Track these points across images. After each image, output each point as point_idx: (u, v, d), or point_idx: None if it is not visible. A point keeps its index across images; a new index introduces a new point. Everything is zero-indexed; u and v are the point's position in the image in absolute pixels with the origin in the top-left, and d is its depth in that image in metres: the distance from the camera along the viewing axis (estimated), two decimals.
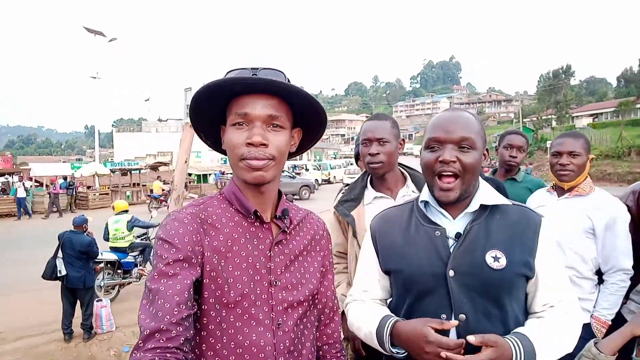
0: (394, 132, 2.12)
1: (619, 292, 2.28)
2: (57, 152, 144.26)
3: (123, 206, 8.40)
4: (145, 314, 1.00)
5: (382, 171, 2.13)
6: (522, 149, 3.23)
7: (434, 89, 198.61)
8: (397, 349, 1.36)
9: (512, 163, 3.24)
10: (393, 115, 25.95)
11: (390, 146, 2.09)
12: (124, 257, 7.80)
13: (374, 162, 2.10)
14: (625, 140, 32.41)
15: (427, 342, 1.23)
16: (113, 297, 7.50)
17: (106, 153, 64.64)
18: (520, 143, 3.22)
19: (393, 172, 2.18)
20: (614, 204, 2.38)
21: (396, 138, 2.12)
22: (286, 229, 1.27)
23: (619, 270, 2.29)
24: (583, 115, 61.81)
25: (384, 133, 2.08)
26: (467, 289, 1.32)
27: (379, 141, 2.08)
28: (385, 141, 2.08)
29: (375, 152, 2.08)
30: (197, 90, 1.16)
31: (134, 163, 33.96)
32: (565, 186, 2.48)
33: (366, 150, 2.12)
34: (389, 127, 2.11)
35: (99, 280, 7.37)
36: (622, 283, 2.28)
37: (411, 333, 1.28)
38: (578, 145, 2.43)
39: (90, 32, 29.59)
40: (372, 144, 2.10)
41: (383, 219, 1.56)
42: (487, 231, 1.36)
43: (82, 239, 6.15)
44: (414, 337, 1.26)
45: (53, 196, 20.97)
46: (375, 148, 2.08)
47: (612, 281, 2.30)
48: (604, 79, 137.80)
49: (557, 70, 63.76)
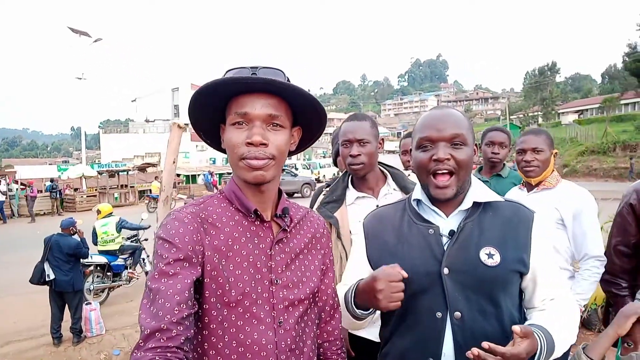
0: (373, 132, 2.12)
1: (591, 278, 2.36)
2: (44, 155, 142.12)
3: (108, 209, 8.22)
4: (146, 314, 1.00)
5: (363, 172, 2.13)
6: (504, 145, 3.29)
7: (421, 87, 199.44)
8: (362, 310, 1.37)
9: (495, 159, 3.29)
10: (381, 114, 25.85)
11: (370, 147, 2.09)
12: (113, 259, 7.71)
13: (356, 163, 2.09)
14: (610, 135, 32.86)
15: (376, 279, 1.25)
16: (102, 300, 7.42)
17: (93, 155, 64.02)
18: (501, 139, 3.28)
19: (374, 172, 2.18)
20: (579, 194, 2.47)
21: (376, 138, 2.12)
22: (287, 228, 1.27)
23: (591, 257, 2.37)
24: (569, 112, 62.54)
25: (364, 134, 2.08)
26: (462, 286, 1.32)
27: (360, 142, 2.08)
28: (366, 142, 2.08)
29: (356, 153, 2.07)
30: (198, 89, 1.16)
31: (121, 164, 33.61)
32: (533, 181, 2.60)
33: (347, 151, 2.11)
34: (369, 127, 2.11)
35: (89, 283, 7.29)
36: (595, 269, 2.35)
37: (365, 281, 1.30)
38: (540, 141, 2.54)
39: (75, 33, 29.33)
40: (353, 145, 2.09)
41: (376, 218, 1.55)
42: (481, 228, 1.36)
43: (70, 241, 6.08)
44: (367, 283, 1.28)
45: (30, 199, 20.45)
46: (356, 149, 2.08)
47: (585, 267, 2.39)
48: (589, 76, 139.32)
49: (543, 67, 64.50)
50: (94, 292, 7.41)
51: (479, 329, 1.29)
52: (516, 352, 1.14)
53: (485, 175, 3.37)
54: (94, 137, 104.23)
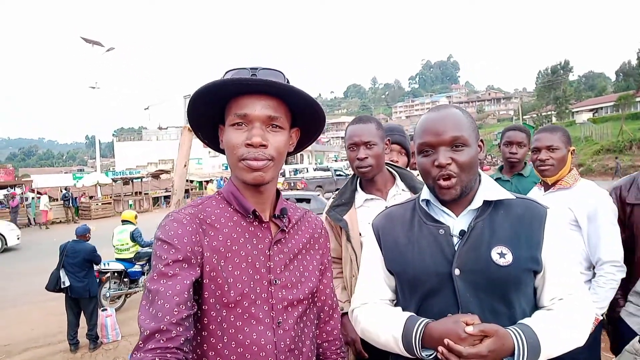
0: (379, 133, 2.10)
1: (607, 285, 2.21)
2: (59, 164, 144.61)
3: (129, 216, 8.07)
4: (145, 315, 1.00)
5: (371, 174, 2.12)
6: (522, 144, 3.20)
7: (432, 88, 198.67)
8: (427, 351, 1.28)
9: (513, 159, 3.22)
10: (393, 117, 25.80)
11: (377, 148, 2.07)
12: (130, 266, 7.72)
13: (363, 166, 2.08)
14: (626, 133, 32.38)
15: (462, 340, 1.18)
16: (119, 307, 7.45)
17: (107, 163, 64.78)
18: (519, 139, 3.20)
19: (382, 173, 2.17)
20: (595, 194, 2.34)
21: (382, 139, 2.11)
22: (285, 228, 1.27)
23: (606, 262, 2.24)
24: (583, 111, 61.74)
25: (370, 136, 2.06)
26: (473, 287, 1.29)
27: (366, 145, 2.07)
28: (373, 144, 2.06)
29: (363, 156, 2.06)
30: (197, 89, 1.16)
31: (135, 172, 34.08)
32: (549, 181, 2.49)
33: (354, 154, 2.10)
34: (375, 129, 2.09)
35: (106, 289, 7.32)
36: (610, 276, 2.22)
37: (445, 334, 1.20)
38: (555, 139, 2.43)
39: (88, 43, 29.69)
40: (359, 148, 2.08)
41: (386, 218, 1.53)
42: (492, 227, 1.33)
43: (86, 246, 6.14)
44: (449, 336, 1.20)
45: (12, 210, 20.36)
46: (363, 152, 2.07)
47: (600, 274, 2.25)
48: (603, 74, 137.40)
49: (556, 66, 63.76)
50: (110, 298, 7.44)
51: None
52: (474, 351, 1.15)
53: (506, 174, 3.30)
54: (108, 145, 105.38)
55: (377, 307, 1.48)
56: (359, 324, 1.49)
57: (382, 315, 1.43)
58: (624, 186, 2.38)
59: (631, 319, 2.26)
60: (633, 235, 2.27)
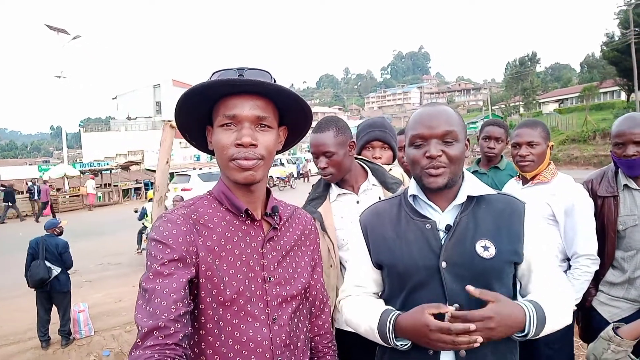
0: (339, 140, 2.12)
1: (582, 277, 2.31)
2: (23, 155, 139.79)
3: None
4: (142, 313, 1.01)
5: (334, 180, 2.18)
6: (500, 140, 3.30)
7: (404, 79, 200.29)
8: (402, 341, 1.36)
9: (490, 154, 3.32)
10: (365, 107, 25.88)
11: (337, 156, 2.11)
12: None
13: (324, 174, 2.16)
14: (590, 124, 33.44)
15: (431, 331, 1.24)
16: None
17: (74, 154, 62.96)
18: (497, 134, 3.30)
19: (351, 171, 2.22)
20: (572, 189, 2.41)
21: (342, 145, 2.13)
22: (277, 226, 1.29)
23: (582, 255, 2.32)
24: (549, 101, 63.47)
25: (327, 146, 2.10)
26: (459, 279, 1.35)
27: (325, 154, 2.11)
28: (332, 153, 2.11)
29: (324, 165, 2.13)
30: (185, 91, 1.17)
31: (104, 163, 33.28)
32: (527, 175, 2.54)
33: (316, 162, 2.18)
34: (332, 137, 2.11)
35: None
36: (586, 268, 2.31)
37: (412, 324, 1.29)
38: (536, 134, 2.47)
39: (53, 30, 28.74)
40: (320, 157, 2.14)
41: (373, 214, 1.58)
42: (476, 221, 1.40)
43: (58, 240, 6.04)
44: (417, 327, 1.27)
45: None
46: (323, 162, 2.13)
47: (576, 266, 2.33)
48: (568, 65, 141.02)
49: (523, 57, 65.00)
50: None
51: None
52: (479, 314, 1.20)
53: (483, 167, 3.39)
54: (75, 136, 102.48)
55: (359, 299, 1.55)
56: (343, 314, 1.57)
57: (363, 307, 1.50)
58: (595, 179, 2.46)
59: (603, 307, 2.36)
60: (603, 227, 2.35)
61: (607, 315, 2.31)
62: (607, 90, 53.14)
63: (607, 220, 2.33)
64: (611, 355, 1.65)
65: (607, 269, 2.36)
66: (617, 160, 2.30)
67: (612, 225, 2.31)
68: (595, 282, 2.40)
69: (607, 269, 2.36)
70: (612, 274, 2.35)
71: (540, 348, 2.28)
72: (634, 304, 2.27)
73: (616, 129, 2.27)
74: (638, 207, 2.26)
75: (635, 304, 2.26)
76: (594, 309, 2.40)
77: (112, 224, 16.63)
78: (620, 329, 1.69)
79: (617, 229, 2.30)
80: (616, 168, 2.37)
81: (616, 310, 2.30)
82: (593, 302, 2.41)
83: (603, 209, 2.36)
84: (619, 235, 2.31)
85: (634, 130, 2.18)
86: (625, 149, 2.21)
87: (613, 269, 2.35)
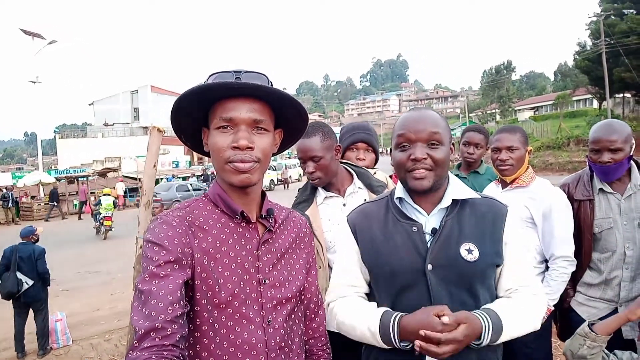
0: (325, 144, 2.16)
1: (559, 278, 2.36)
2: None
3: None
4: (139, 315, 1.01)
5: (322, 184, 2.22)
6: (480, 146, 3.37)
7: (383, 87, 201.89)
8: (403, 342, 1.36)
9: (470, 159, 3.39)
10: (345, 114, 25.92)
11: (324, 161, 2.15)
12: None
13: (312, 179, 2.20)
14: (564, 131, 34.28)
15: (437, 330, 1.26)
16: None
17: (49, 161, 61.50)
18: (477, 140, 3.37)
19: (337, 176, 2.26)
20: (550, 192, 2.46)
21: (329, 149, 2.18)
22: (272, 228, 1.30)
23: (559, 257, 2.37)
24: (525, 109, 64.80)
25: (314, 151, 2.14)
26: (444, 281, 1.39)
27: (312, 159, 2.15)
28: (319, 157, 2.14)
29: (311, 170, 2.16)
30: (183, 93, 1.17)
31: (80, 170, 32.66)
32: (507, 179, 2.59)
33: (303, 167, 2.21)
34: (319, 142, 2.16)
35: None
36: (563, 269, 2.36)
37: (419, 326, 1.28)
38: (515, 139, 2.54)
39: (28, 35, 28.17)
40: (307, 162, 2.17)
41: (361, 214, 1.60)
42: (460, 225, 1.43)
43: (35, 248, 5.91)
44: (424, 327, 1.27)
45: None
46: (310, 166, 2.16)
47: (553, 267, 2.39)
48: (543, 74, 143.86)
49: (499, 66, 66.08)
50: None
51: None
52: (451, 337, 1.25)
53: (463, 171, 3.46)
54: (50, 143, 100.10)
55: (352, 301, 1.55)
56: (334, 316, 1.55)
57: (358, 309, 1.50)
58: (572, 183, 2.52)
59: (581, 308, 2.43)
60: (580, 230, 2.41)
61: (585, 315, 2.37)
62: (580, 98, 54.49)
63: (584, 223, 2.40)
64: (587, 351, 1.72)
65: (585, 271, 2.43)
66: (593, 166, 2.36)
67: (589, 228, 2.38)
68: (573, 283, 2.46)
69: (584, 270, 2.43)
70: (589, 275, 2.41)
71: (518, 347, 2.35)
72: (610, 303, 2.33)
73: (593, 135, 2.33)
74: (613, 210, 2.32)
75: (611, 304, 2.33)
76: (572, 310, 2.47)
77: (89, 232, 16.33)
78: (595, 326, 1.76)
79: (593, 232, 2.36)
80: (591, 172, 2.44)
81: (594, 310, 2.37)
82: (572, 303, 2.47)
83: (579, 212, 2.42)
84: (595, 237, 2.37)
85: (610, 138, 2.24)
86: (601, 155, 2.27)
87: (590, 270, 2.42)
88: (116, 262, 10.77)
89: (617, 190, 2.34)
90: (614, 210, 2.32)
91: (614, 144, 2.23)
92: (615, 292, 2.32)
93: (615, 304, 2.32)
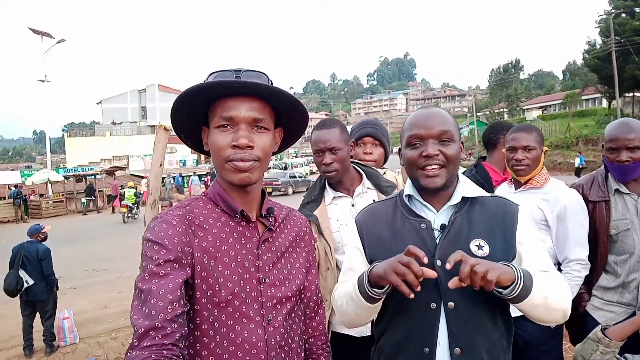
0: (343, 137, 2.17)
1: (573, 282, 2.27)
2: (5, 160, 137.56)
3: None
4: (138, 314, 1.00)
5: (337, 178, 2.20)
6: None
7: (390, 85, 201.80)
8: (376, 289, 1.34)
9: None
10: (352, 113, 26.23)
11: (342, 153, 2.15)
12: None
13: (329, 170, 2.17)
14: (573, 130, 34.04)
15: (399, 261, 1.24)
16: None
17: (58, 159, 61.98)
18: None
19: (348, 174, 2.25)
20: (565, 193, 2.39)
21: (346, 143, 2.18)
22: (272, 227, 1.30)
23: (572, 260, 2.31)
24: (533, 108, 64.47)
25: (334, 142, 2.13)
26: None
27: (331, 150, 2.14)
28: (337, 149, 2.14)
29: (329, 161, 2.14)
30: (183, 92, 1.17)
31: (88, 168, 32.88)
32: (522, 179, 2.51)
33: (320, 160, 2.19)
34: (338, 134, 2.16)
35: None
36: (577, 273, 2.30)
37: (385, 261, 1.28)
38: (532, 139, 2.46)
39: (37, 34, 28.35)
40: (325, 153, 2.16)
41: (368, 214, 1.59)
42: (470, 222, 1.42)
43: (39, 247, 5.94)
44: (388, 262, 1.27)
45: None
46: (328, 158, 2.14)
47: (567, 271, 2.31)
48: (551, 72, 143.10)
49: (507, 64, 65.89)
50: None
51: (472, 316, 1.36)
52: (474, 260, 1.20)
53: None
54: (58, 141, 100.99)
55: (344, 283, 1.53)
56: (335, 303, 1.55)
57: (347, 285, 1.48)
58: (586, 184, 2.46)
59: (597, 312, 2.36)
60: (595, 232, 2.35)
61: (601, 320, 2.29)
62: (589, 97, 54.12)
63: (599, 225, 2.33)
64: (599, 357, 1.68)
65: (600, 274, 2.37)
66: (610, 165, 2.30)
67: (605, 230, 2.32)
68: (589, 287, 2.40)
69: (600, 273, 2.37)
70: (606, 278, 2.35)
71: (529, 350, 2.31)
72: (628, 307, 2.26)
73: (610, 134, 2.27)
74: (630, 211, 2.27)
75: (629, 308, 2.26)
76: (587, 314, 2.39)
77: (97, 229, 16.45)
78: (608, 330, 1.71)
79: (609, 234, 2.31)
80: (606, 172, 2.38)
81: (610, 315, 2.30)
82: (587, 307, 2.40)
83: (595, 213, 2.36)
84: (611, 239, 2.31)
85: (628, 136, 2.19)
86: (619, 154, 2.22)
87: (606, 273, 2.35)
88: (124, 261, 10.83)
89: (633, 191, 2.29)
90: (631, 211, 2.27)
91: (632, 142, 2.19)
92: (634, 295, 2.25)
93: (634, 308, 2.25)
